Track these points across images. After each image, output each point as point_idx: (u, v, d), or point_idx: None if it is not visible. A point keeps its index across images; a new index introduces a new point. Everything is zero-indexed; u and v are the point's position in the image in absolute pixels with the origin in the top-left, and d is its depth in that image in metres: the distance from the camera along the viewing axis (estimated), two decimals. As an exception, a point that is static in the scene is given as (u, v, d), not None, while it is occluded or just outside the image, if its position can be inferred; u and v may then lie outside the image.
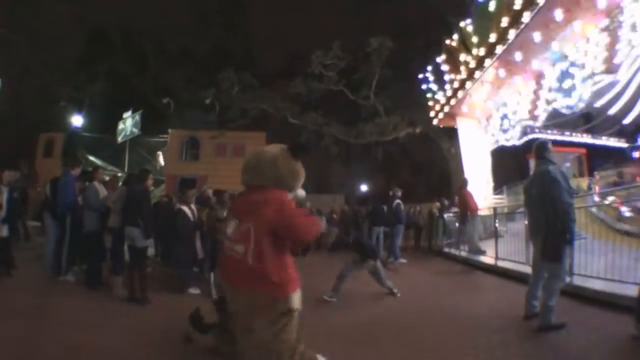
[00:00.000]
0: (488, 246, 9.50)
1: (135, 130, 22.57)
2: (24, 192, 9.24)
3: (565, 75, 9.01)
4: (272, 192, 2.90)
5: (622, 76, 8.57)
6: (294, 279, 2.86)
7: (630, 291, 4.30)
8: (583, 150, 15.66)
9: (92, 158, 17.56)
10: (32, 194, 10.96)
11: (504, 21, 9.33)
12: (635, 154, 13.18)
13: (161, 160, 20.74)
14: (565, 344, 3.67)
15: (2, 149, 16.21)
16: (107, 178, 8.85)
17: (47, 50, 19.36)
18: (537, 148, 4.47)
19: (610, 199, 8.53)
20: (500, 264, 8.05)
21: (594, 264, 5.46)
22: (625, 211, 8.08)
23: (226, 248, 2.92)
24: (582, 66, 8.55)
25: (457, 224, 11.40)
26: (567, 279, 5.39)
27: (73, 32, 21.02)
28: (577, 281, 5.48)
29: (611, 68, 7.97)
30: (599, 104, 12.10)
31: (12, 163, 12.00)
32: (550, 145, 4.45)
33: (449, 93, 13.31)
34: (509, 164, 15.66)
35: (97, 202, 6.33)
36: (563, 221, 3.95)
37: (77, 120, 18.62)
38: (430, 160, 23.94)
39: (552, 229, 3.99)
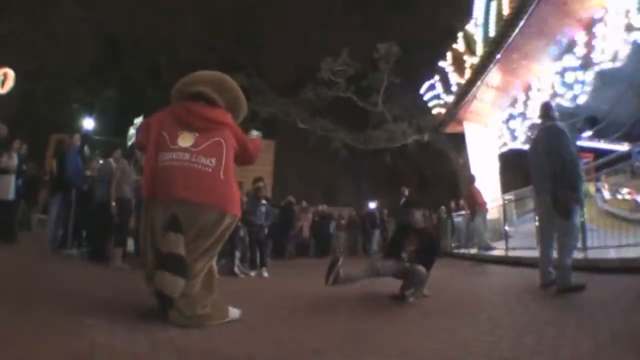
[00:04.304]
0: (497, 244, 9.39)
1: (148, 136, 22.62)
2: (35, 180, 9.35)
3: (567, 69, 9.11)
4: (228, 115, 2.96)
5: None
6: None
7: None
8: (590, 156, 15.52)
9: (102, 162, 17.69)
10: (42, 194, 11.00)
11: (506, 19, 9.54)
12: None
13: None
14: (585, 300, 3.49)
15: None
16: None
17: (62, 52, 19.82)
18: (543, 107, 4.45)
19: (624, 191, 8.40)
20: (512, 254, 7.93)
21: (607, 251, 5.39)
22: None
23: (178, 159, 2.68)
24: (583, 58, 8.68)
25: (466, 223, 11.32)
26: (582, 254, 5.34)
27: (88, 37, 21.52)
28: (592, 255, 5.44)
29: (612, 56, 8.10)
30: (603, 106, 12.16)
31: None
32: (554, 106, 4.46)
33: (456, 97, 13.44)
34: (516, 170, 15.57)
35: (109, 177, 6.37)
36: (571, 172, 3.83)
37: (88, 123, 18.94)
38: (439, 174, 23.87)
39: (560, 182, 3.86)
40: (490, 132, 13.81)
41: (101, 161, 7.22)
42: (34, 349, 1.88)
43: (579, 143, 14.17)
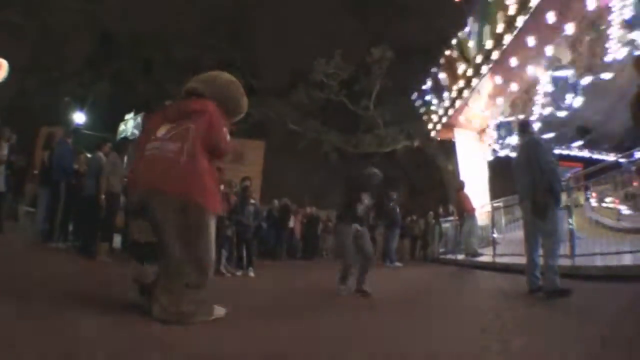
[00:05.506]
0: (485, 251, 9.40)
1: (136, 132, 22.37)
2: (23, 171, 9.18)
3: (558, 78, 9.18)
4: (210, 104, 2.88)
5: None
6: (219, 202, 2.91)
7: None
8: (579, 165, 15.67)
9: (90, 156, 17.44)
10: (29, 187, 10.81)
11: (499, 28, 9.61)
12: (632, 169, 13.20)
13: None
14: (573, 306, 3.51)
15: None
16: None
17: (57, 44, 19.48)
18: (521, 125, 4.97)
19: (609, 199, 8.51)
20: (499, 260, 7.93)
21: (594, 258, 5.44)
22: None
23: (152, 148, 2.70)
24: (574, 68, 8.76)
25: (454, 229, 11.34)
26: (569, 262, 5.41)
27: (83, 30, 21.25)
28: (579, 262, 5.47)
29: (603, 67, 8.20)
30: (594, 116, 12.30)
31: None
32: (531, 123, 4.76)
33: (447, 103, 13.48)
34: (506, 178, 15.65)
35: (98, 171, 6.28)
36: (549, 179, 4.12)
37: (79, 118, 18.71)
38: (428, 180, 23.91)
39: (539, 187, 4.13)
40: (481, 139, 13.88)
41: (89, 155, 7.08)
42: (14, 341, 1.82)
43: (569, 152, 14.42)
